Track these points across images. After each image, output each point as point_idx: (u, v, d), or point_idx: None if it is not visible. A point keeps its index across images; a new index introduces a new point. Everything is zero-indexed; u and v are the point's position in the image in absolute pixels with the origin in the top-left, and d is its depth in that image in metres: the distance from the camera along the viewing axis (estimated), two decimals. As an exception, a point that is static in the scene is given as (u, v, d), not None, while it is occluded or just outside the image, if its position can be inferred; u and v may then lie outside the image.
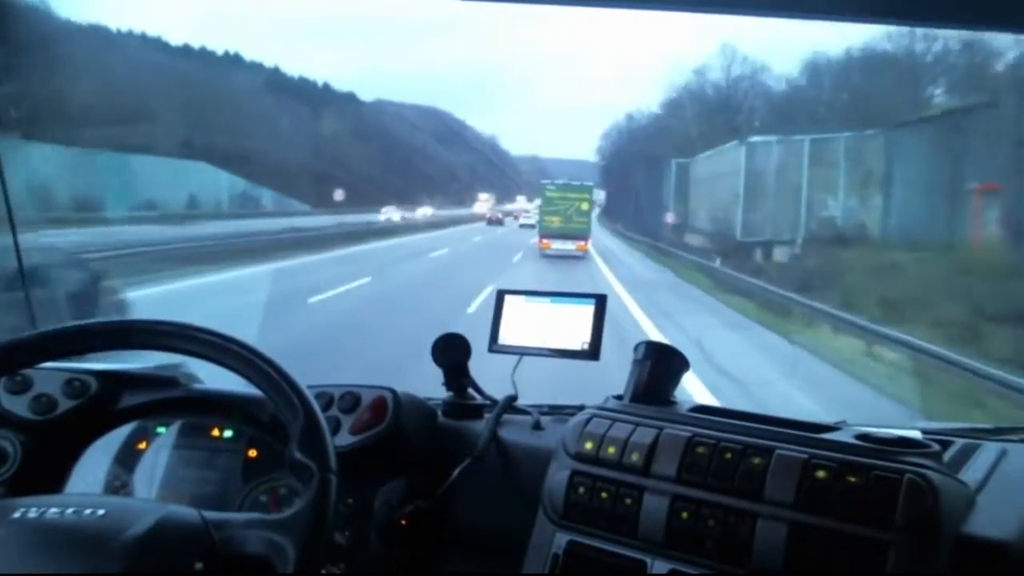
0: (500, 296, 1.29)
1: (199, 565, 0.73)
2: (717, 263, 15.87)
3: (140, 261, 10.39)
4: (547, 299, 1.25)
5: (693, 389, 5.04)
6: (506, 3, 1.09)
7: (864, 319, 8.35)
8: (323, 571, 1.16)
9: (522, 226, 31.82)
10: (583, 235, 23.47)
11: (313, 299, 10.31)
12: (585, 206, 24.38)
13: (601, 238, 28.45)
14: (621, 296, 11.50)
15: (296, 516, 0.79)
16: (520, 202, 61.92)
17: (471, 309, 8.88)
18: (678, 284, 14.81)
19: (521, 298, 1.27)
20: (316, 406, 0.86)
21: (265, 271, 12.77)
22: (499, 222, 40.37)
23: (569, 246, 22.72)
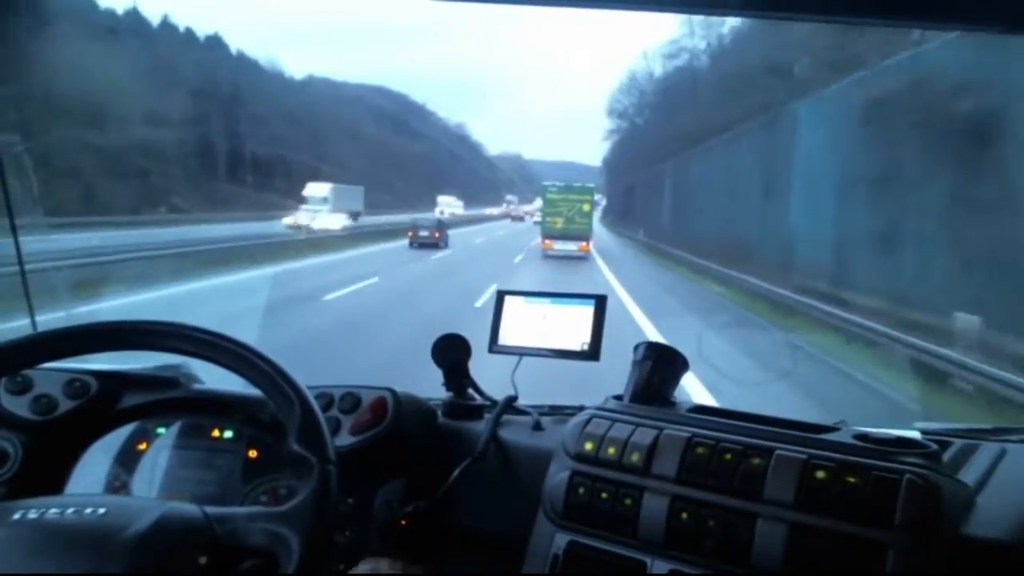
0: (500, 297, 1.29)
1: (203, 559, 0.74)
2: None
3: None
4: (547, 300, 1.26)
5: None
6: (499, 4, 1.09)
7: None
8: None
9: (536, 223, 34.52)
10: (585, 236, 24.21)
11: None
12: (587, 207, 25.09)
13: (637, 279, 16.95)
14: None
15: (298, 507, 0.79)
16: (446, 202, 58.04)
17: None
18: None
19: (521, 299, 1.27)
20: (312, 399, 0.87)
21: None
22: (520, 219, 55.12)
23: (571, 247, 23.32)
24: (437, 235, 24.12)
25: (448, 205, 57.99)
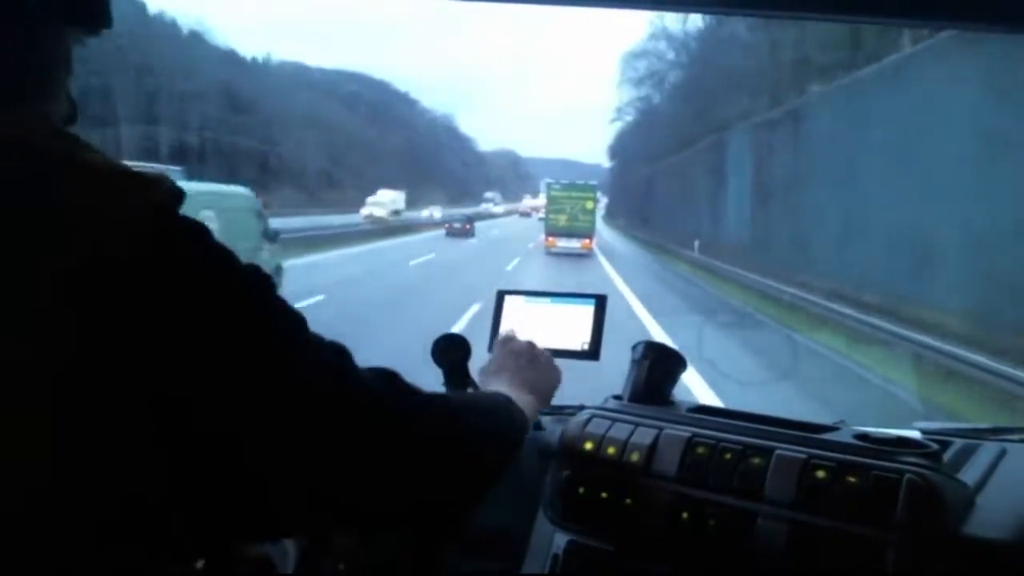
0: (500, 296, 1.29)
1: (199, 563, 0.74)
2: None
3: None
4: (547, 299, 1.25)
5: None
6: (499, 3, 1.09)
7: None
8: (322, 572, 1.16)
9: (540, 219, 33.75)
10: (588, 233, 24.56)
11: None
12: (589, 205, 25.43)
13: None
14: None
15: None
16: (383, 196, 42.03)
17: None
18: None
19: (521, 298, 1.27)
20: None
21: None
22: (527, 215, 57.30)
23: (574, 244, 23.58)
24: (468, 227, 31.51)
25: (378, 205, 40.13)
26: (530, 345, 1.03)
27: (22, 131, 0.50)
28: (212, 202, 9.79)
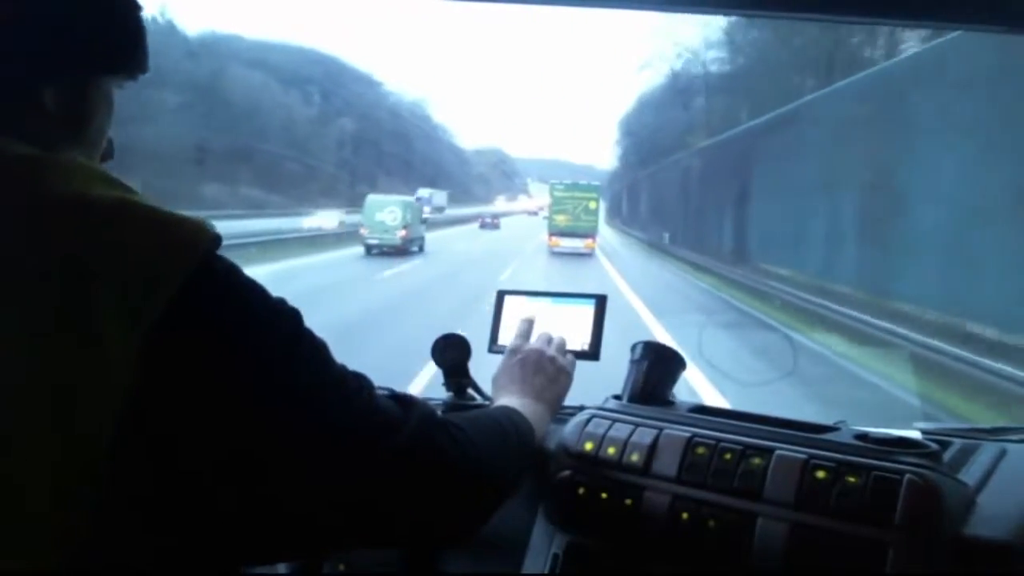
0: (500, 296, 1.28)
1: None
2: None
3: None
4: (548, 299, 1.25)
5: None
6: (501, 3, 1.09)
7: None
8: (323, 571, 1.16)
9: (545, 218, 33.47)
10: (591, 233, 24.74)
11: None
12: (593, 205, 25.65)
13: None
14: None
15: None
16: None
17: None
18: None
19: (521, 298, 1.27)
20: None
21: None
22: (534, 214, 61.44)
23: (577, 243, 23.76)
24: (497, 221, 41.75)
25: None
26: (539, 353, 1.05)
27: (74, 179, 0.54)
28: (408, 205, 20.78)
